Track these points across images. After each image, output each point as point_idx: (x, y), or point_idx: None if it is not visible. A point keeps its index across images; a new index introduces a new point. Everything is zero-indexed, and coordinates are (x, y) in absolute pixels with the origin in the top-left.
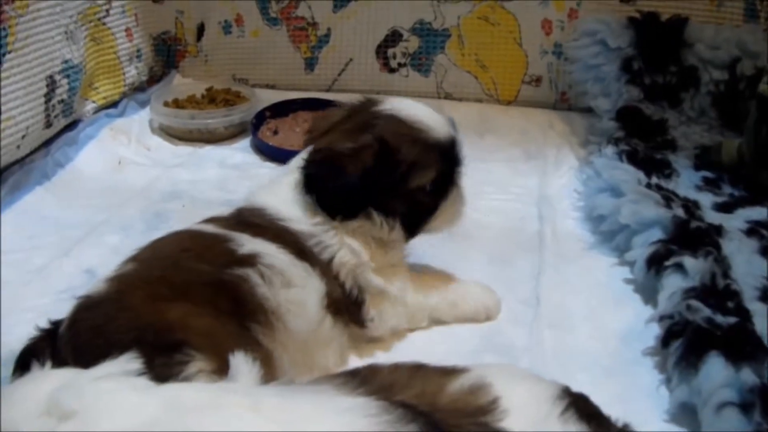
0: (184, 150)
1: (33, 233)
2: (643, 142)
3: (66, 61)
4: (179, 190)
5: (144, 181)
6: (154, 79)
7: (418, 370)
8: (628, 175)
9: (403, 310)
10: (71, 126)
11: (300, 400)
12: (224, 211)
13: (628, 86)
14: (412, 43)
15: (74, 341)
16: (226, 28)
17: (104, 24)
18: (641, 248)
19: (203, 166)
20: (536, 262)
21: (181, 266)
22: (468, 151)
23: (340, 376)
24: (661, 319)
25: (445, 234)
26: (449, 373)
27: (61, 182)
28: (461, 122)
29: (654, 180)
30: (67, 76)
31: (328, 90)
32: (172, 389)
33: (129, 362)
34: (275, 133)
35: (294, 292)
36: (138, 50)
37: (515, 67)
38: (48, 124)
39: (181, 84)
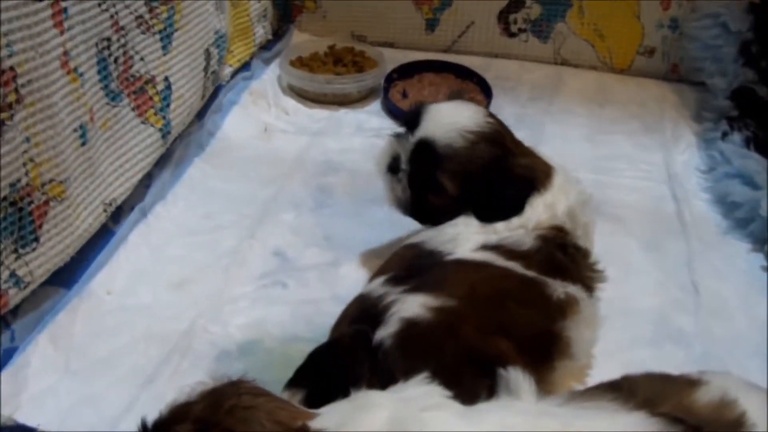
0: (321, 114)
1: (207, 211)
2: (754, 121)
3: (217, 32)
4: (332, 161)
5: (293, 149)
6: (273, 34)
7: (666, 379)
8: (760, 165)
9: None
10: (215, 92)
11: (601, 420)
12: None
13: (744, 68)
14: (534, 11)
15: (406, 362)
16: None
17: None
18: None
19: (343, 131)
20: (683, 247)
21: (505, 307)
22: (590, 121)
23: (604, 390)
24: None
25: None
26: (693, 383)
27: (214, 152)
28: (581, 91)
29: None
30: (218, 46)
31: (446, 51)
32: (494, 416)
33: (433, 385)
34: (404, 95)
35: (590, 333)
36: (265, 9)
37: (631, 38)
38: (203, 96)
39: (301, 41)
